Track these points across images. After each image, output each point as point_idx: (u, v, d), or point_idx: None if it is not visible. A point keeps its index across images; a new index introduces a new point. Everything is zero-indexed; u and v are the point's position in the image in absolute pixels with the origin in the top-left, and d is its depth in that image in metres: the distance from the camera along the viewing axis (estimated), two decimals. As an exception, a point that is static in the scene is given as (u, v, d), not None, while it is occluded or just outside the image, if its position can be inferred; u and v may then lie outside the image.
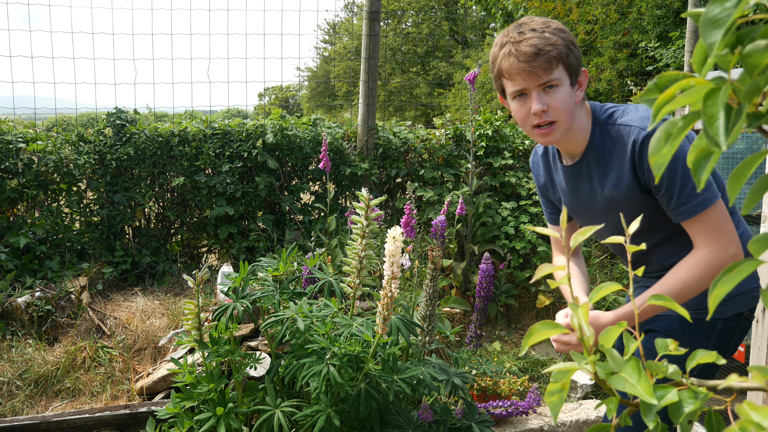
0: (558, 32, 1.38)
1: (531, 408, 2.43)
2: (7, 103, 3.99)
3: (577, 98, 1.43)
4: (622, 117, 1.43)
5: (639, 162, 1.38)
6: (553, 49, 1.35)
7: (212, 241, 4.15)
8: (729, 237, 1.35)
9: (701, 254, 1.36)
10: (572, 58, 1.39)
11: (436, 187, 4.12)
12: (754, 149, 3.03)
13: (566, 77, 1.39)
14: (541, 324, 0.67)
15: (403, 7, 18.86)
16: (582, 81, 1.43)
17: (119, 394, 2.90)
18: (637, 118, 1.40)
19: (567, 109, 1.40)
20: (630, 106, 1.46)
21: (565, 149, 1.53)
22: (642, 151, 1.36)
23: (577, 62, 1.40)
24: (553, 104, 1.39)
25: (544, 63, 1.35)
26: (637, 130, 1.37)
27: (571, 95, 1.40)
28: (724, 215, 1.36)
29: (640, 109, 1.42)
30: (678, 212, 1.36)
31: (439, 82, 11.45)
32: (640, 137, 1.36)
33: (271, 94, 23.89)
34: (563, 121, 1.41)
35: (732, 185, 0.49)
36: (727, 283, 0.52)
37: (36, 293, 3.29)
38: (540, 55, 1.35)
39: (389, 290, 1.61)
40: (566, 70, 1.38)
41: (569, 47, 1.38)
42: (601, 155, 1.46)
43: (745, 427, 0.45)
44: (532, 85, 1.38)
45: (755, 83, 0.45)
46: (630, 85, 4.97)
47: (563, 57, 1.36)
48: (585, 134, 1.47)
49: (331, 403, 1.72)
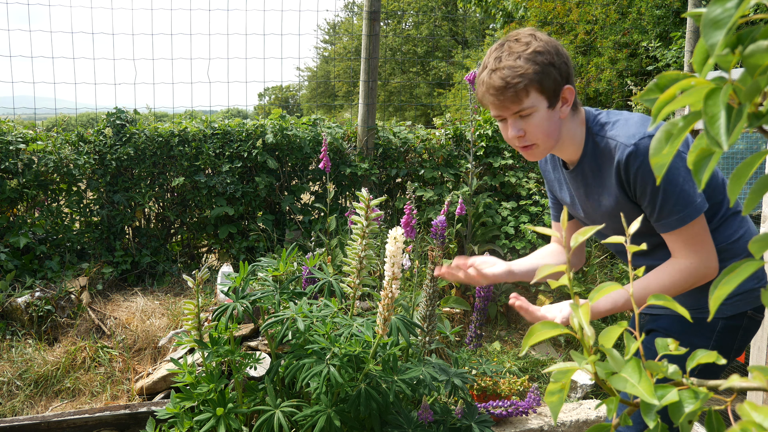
0: (534, 56, 1.37)
1: (531, 408, 2.43)
2: (7, 103, 3.99)
3: (562, 114, 1.43)
4: (611, 130, 1.44)
5: (625, 178, 1.40)
6: (521, 81, 1.36)
7: (212, 241, 4.15)
8: (708, 252, 1.39)
9: (683, 263, 1.40)
10: (548, 82, 1.38)
11: (436, 187, 4.12)
12: (754, 149, 3.03)
13: (542, 101, 1.40)
14: (541, 324, 0.67)
15: (403, 7, 18.86)
16: (567, 97, 1.43)
17: (119, 394, 2.90)
18: (623, 134, 1.40)
19: (545, 132, 1.42)
20: (622, 117, 1.45)
21: (560, 156, 1.56)
22: (627, 169, 1.38)
23: (554, 84, 1.40)
24: (529, 129, 1.41)
25: (512, 96, 1.37)
26: (622, 147, 1.38)
27: (549, 117, 1.41)
28: (704, 231, 1.39)
29: (630, 121, 1.42)
30: (659, 224, 1.40)
31: (439, 82, 11.46)
32: (624, 156, 1.37)
33: (271, 94, 23.90)
34: (542, 143, 1.44)
35: (732, 185, 0.49)
36: (728, 284, 0.52)
37: (36, 293, 3.29)
38: (507, 88, 1.36)
39: (390, 291, 1.61)
40: (541, 95, 1.39)
41: (545, 71, 1.37)
42: (595, 165, 1.48)
43: (747, 428, 0.45)
44: (506, 114, 1.42)
45: (756, 83, 0.45)
46: (630, 85, 4.97)
47: (534, 85, 1.37)
48: (578, 144, 1.49)
49: (332, 403, 1.72)
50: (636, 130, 1.38)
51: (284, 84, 24.81)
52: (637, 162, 1.36)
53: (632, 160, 1.36)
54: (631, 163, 1.37)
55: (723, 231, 1.47)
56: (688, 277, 1.39)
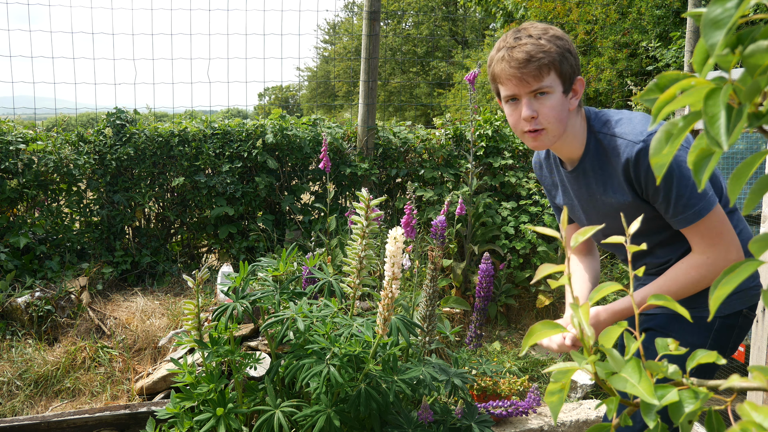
0: (554, 39, 1.38)
1: (531, 408, 2.43)
2: (7, 103, 3.99)
3: (572, 106, 1.43)
4: (616, 127, 1.42)
5: (635, 176, 1.39)
6: (545, 57, 1.35)
7: (212, 241, 4.15)
8: (728, 242, 1.37)
9: (698, 258, 1.38)
10: (566, 66, 1.38)
11: (436, 187, 4.12)
12: (754, 149, 3.03)
13: (559, 85, 1.39)
14: (541, 324, 0.67)
15: (403, 7, 18.86)
16: (577, 89, 1.43)
17: (119, 394, 2.90)
18: (631, 131, 1.39)
19: (557, 117, 1.40)
20: (624, 115, 1.45)
21: (561, 154, 1.54)
22: (637, 167, 1.37)
23: (571, 70, 1.40)
24: (543, 111, 1.39)
25: (534, 70, 1.35)
26: (631, 145, 1.37)
27: (563, 103, 1.40)
28: (722, 222, 1.37)
29: (635, 120, 1.41)
30: (676, 220, 1.38)
31: (439, 82, 11.46)
32: (633, 153, 1.36)
33: (271, 94, 23.90)
34: (552, 129, 1.41)
35: (732, 185, 0.49)
36: (728, 284, 0.52)
37: (36, 293, 3.29)
38: (531, 62, 1.35)
39: (390, 291, 1.61)
40: (559, 78, 1.38)
41: (564, 55, 1.38)
42: (598, 163, 1.47)
43: (747, 428, 0.45)
44: (523, 91, 1.39)
45: (756, 83, 0.45)
46: (630, 85, 4.97)
47: (555, 64, 1.36)
48: (581, 141, 1.48)
49: (331, 403, 1.72)
50: (642, 127, 1.38)
51: (284, 84, 24.82)
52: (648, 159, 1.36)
53: (642, 157, 1.35)
54: (642, 160, 1.35)
55: None
56: (706, 273, 1.36)
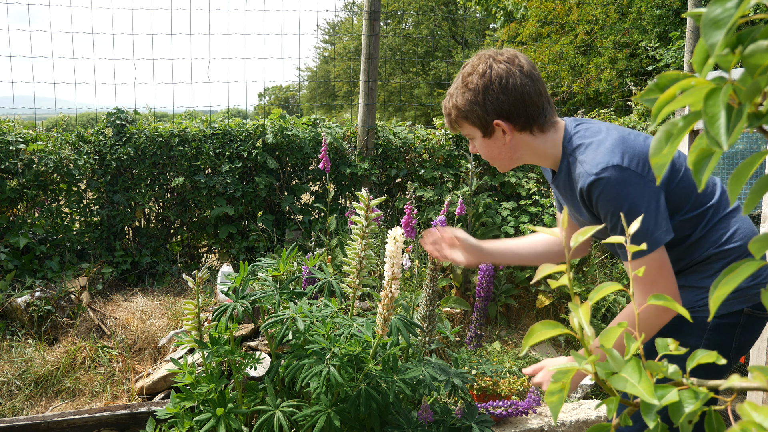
0: (466, 91, 1.46)
1: (531, 408, 2.43)
2: (7, 103, 3.99)
3: (506, 142, 1.48)
4: (581, 153, 1.43)
5: (588, 203, 1.42)
6: (453, 112, 1.50)
7: (212, 241, 4.15)
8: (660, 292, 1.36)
9: (630, 306, 1.42)
10: (473, 118, 1.47)
11: (436, 187, 4.12)
12: (754, 149, 3.03)
13: (476, 131, 1.50)
14: (541, 324, 0.67)
15: (403, 7, 18.86)
16: (505, 128, 1.46)
17: (119, 394, 2.90)
18: (591, 161, 1.38)
19: (490, 155, 1.53)
20: (596, 140, 1.43)
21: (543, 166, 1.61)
22: (590, 197, 1.39)
23: (481, 121, 1.46)
24: (477, 150, 1.56)
25: (451, 123, 1.54)
26: (586, 175, 1.38)
27: (488, 144, 1.51)
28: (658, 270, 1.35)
29: (602, 147, 1.40)
30: (620, 253, 1.46)
31: (439, 82, 11.46)
32: (585, 184, 1.38)
33: (271, 94, 23.89)
34: (493, 162, 1.56)
35: (732, 185, 0.49)
36: (728, 284, 0.52)
37: (36, 293, 3.29)
38: (447, 116, 1.54)
39: (390, 291, 1.61)
40: (473, 126, 1.49)
41: (471, 105, 1.45)
42: (568, 183, 1.50)
43: (747, 428, 0.45)
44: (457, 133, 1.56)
45: (756, 83, 0.45)
46: (630, 85, 4.97)
47: (461, 120, 1.50)
48: (554, 159, 1.52)
49: (331, 403, 1.72)
50: (605, 157, 1.36)
51: (284, 84, 24.81)
52: (597, 191, 1.36)
53: (593, 190, 1.37)
54: (593, 192, 1.37)
55: (709, 237, 1.46)
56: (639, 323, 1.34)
